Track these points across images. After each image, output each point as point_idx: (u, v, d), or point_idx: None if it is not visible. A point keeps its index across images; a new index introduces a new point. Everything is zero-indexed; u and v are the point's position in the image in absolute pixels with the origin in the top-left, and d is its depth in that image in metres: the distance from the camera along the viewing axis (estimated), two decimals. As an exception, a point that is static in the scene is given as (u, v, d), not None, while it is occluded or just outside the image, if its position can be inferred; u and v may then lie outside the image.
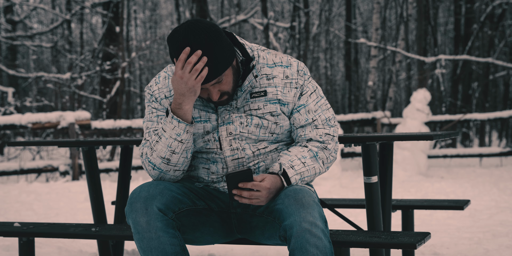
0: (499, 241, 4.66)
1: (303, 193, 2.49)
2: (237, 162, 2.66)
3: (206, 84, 2.50)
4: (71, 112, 10.51)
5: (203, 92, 2.57)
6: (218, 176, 2.70)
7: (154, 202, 2.46)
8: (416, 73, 16.39)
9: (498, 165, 12.10)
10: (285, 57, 2.72)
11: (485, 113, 12.55)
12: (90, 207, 7.04)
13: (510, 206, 6.66)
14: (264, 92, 2.64)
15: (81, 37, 22.42)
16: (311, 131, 2.68)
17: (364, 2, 28.11)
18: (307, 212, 2.41)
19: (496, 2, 17.19)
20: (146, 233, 2.43)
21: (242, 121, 2.63)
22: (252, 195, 2.48)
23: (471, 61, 17.64)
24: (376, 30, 15.05)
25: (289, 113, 2.68)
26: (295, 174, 2.59)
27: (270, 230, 2.59)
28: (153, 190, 2.50)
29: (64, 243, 4.83)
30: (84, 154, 3.77)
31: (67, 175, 10.39)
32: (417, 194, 7.68)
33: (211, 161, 2.69)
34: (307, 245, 2.35)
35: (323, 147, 2.68)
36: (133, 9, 28.38)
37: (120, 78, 14.64)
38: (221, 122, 2.64)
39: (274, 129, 2.67)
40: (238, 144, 2.65)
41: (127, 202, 2.51)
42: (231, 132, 2.64)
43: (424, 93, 10.90)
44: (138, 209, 2.45)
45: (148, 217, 2.43)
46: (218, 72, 2.47)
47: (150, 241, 2.43)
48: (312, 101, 2.70)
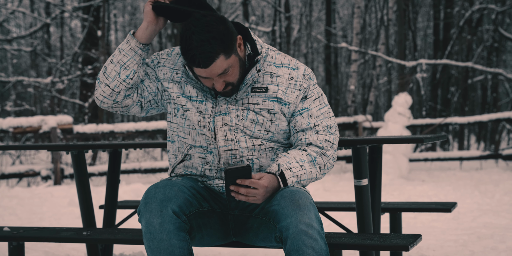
0: (484, 243, 4.71)
1: (299, 195, 2.50)
2: (230, 154, 2.67)
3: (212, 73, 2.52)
4: (53, 116, 10.46)
5: (208, 82, 2.59)
6: (212, 167, 2.71)
7: (170, 204, 2.48)
8: (397, 77, 16.51)
9: (478, 169, 12.21)
10: (294, 60, 2.75)
11: (465, 117, 12.66)
12: (74, 212, 7.01)
13: (492, 208, 6.73)
14: (265, 89, 2.67)
15: (61, 41, 22.29)
16: (312, 136, 2.69)
17: (343, 7, 28.24)
18: (303, 213, 2.42)
19: (475, 7, 17.37)
20: (157, 234, 2.46)
21: (238, 114, 2.66)
22: (249, 192, 2.50)
23: (450, 66, 17.80)
24: (356, 34, 15.15)
25: (289, 114, 2.70)
26: (292, 176, 2.60)
27: (264, 231, 2.61)
28: (168, 192, 2.52)
29: (51, 248, 4.80)
30: (74, 158, 3.76)
31: (49, 180, 10.32)
32: (400, 197, 7.73)
33: (207, 150, 2.71)
34: (303, 246, 2.36)
35: (322, 153, 2.70)
36: (113, 13, 28.27)
37: (102, 82, 14.55)
38: (217, 112, 2.66)
39: (269, 127, 2.68)
40: (233, 136, 2.66)
41: (142, 201, 2.53)
42: (226, 123, 2.66)
43: (406, 97, 10.98)
44: (153, 210, 2.47)
45: (162, 219, 2.46)
46: (213, 54, 2.48)
47: (161, 242, 2.45)
48: (315, 107, 2.72)
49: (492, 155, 12.16)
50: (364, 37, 22.44)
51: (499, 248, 4.49)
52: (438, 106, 18.50)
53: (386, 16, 17.65)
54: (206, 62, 2.48)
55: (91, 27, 16.53)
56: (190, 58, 2.49)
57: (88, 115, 14.86)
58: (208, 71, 2.52)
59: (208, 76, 2.54)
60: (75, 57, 17.48)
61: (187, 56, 2.50)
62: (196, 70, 2.54)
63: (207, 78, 2.57)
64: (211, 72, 2.52)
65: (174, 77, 2.74)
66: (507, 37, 16.99)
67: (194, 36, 2.47)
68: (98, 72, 13.88)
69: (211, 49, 2.46)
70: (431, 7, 22.06)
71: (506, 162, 12.58)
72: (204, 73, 2.53)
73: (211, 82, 2.58)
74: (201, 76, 2.57)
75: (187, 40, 2.48)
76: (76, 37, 25.39)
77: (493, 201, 7.27)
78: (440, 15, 20.28)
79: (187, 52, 2.49)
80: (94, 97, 2.82)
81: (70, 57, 17.31)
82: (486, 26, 20.02)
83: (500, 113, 12.20)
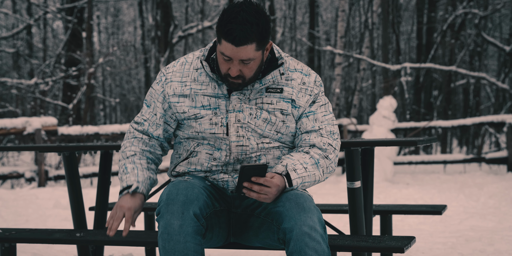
0: (472, 245, 4.74)
1: (304, 198, 2.54)
2: (241, 149, 2.70)
3: (237, 55, 2.54)
4: (37, 118, 10.39)
5: (225, 65, 2.61)
6: (218, 163, 2.73)
7: (191, 207, 2.49)
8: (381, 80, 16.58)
9: (461, 172, 12.29)
10: (306, 67, 2.81)
11: (449, 121, 12.75)
12: (61, 214, 6.97)
13: (478, 211, 6.77)
14: (281, 90, 2.71)
15: (44, 43, 22.17)
16: (316, 137, 2.73)
17: (327, 10, 28.35)
18: (307, 216, 2.45)
19: (459, 12, 17.50)
20: (175, 235, 2.45)
21: (252, 113, 2.69)
22: (262, 190, 2.52)
23: (432, 70, 17.92)
24: (341, 37, 15.20)
25: (297, 117, 2.74)
26: (297, 177, 2.62)
27: (265, 231, 2.62)
28: (190, 194, 2.53)
29: (39, 250, 4.77)
30: (66, 159, 3.74)
31: (33, 182, 10.26)
32: (386, 200, 7.77)
33: (215, 147, 2.72)
34: (306, 248, 2.38)
35: (324, 155, 2.72)
36: (96, 15, 28.17)
37: (87, 84, 14.52)
38: (231, 109, 2.69)
39: (280, 128, 2.72)
40: (244, 133, 2.69)
41: (162, 202, 2.53)
42: (239, 120, 2.68)
43: (390, 101, 11.04)
44: (175, 211, 2.48)
45: (183, 221, 2.46)
46: (251, 37, 2.50)
47: (177, 244, 2.45)
48: (320, 112, 2.77)
49: (476, 159, 12.24)
50: (348, 41, 22.53)
51: (488, 251, 4.53)
52: (422, 109, 18.60)
53: (371, 19, 17.72)
54: (240, 40, 2.50)
55: (75, 29, 16.45)
56: (227, 30, 2.50)
57: (73, 117, 14.79)
58: (235, 51, 2.53)
59: (231, 56, 2.55)
60: (58, 58, 17.39)
61: (225, 28, 2.50)
62: (224, 46, 2.55)
63: (228, 60, 2.58)
64: (237, 53, 2.54)
65: (184, 91, 2.75)
66: (490, 41, 17.14)
67: (242, 13, 2.49)
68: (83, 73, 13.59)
69: (251, 32, 2.49)
70: (414, 12, 22.20)
71: (489, 166, 12.68)
72: (231, 51, 2.54)
73: (228, 66, 2.59)
74: (224, 54, 2.56)
75: (233, 14, 2.50)
76: (58, 39, 25.26)
77: (479, 204, 7.32)
78: (423, 19, 20.41)
79: (227, 24, 2.50)
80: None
81: (54, 59, 17.22)
82: (469, 30, 20.18)
83: (484, 117, 12.29)
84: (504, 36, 24.11)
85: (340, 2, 14.71)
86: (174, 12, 24.70)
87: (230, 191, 2.73)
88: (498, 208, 6.99)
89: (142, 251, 4.73)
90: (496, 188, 8.76)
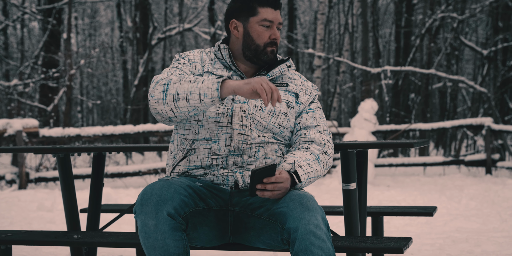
0: (460, 247, 4.80)
1: (307, 198, 2.58)
2: (242, 138, 2.74)
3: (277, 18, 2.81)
4: (18, 119, 10.31)
5: (265, 34, 2.81)
6: (218, 156, 2.75)
7: (165, 207, 2.49)
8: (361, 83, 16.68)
9: (441, 174, 12.40)
10: (302, 75, 3.02)
11: (428, 123, 12.85)
12: (45, 216, 6.92)
13: (461, 213, 6.84)
14: (286, 84, 2.88)
15: (22, 44, 21.98)
16: (315, 133, 2.84)
17: (304, 13, 28.44)
18: (312, 215, 2.48)
19: (438, 16, 17.66)
20: (152, 234, 2.49)
21: (257, 104, 2.78)
22: (276, 186, 2.57)
23: (410, 73, 18.05)
24: (320, 40, 15.25)
25: (298, 113, 2.87)
26: (304, 173, 2.69)
27: (268, 232, 2.63)
28: (164, 194, 2.52)
29: (28, 252, 4.75)
30: (60, 161, 3.73)
31: (13, 184, 10.17)
32: (370, 202, 7.81)
33: (213, 140, 2.75)
34: (311, 247, 2.40)
35: (323, 151, 2.81)
36: (73, 16, 28.00)
37: (68, 86, 14.42)
38: (237, 100, 2.78)
39: (282, 121, 2.81)
40: (248, 123, 2.76)
41: (137, 202, 2.55)
42: (244, 110, 2.76)
43: (372, 103, 11.11)
44: (148, 212, 2.49)
45: (157, 221, 2.48)
46: (280, 1, 2.85)
47: (156, 241, 2.49)
48: (318, 113, 2.93)
49: (455, 161, 12.36)
50: (328, 43, 22.63)
51: (475, 252, 4.59)
52: (402, 112, 18.73)
53: (351, 22, 17.82)
54: (277, 3, 2.80)
55: (56, 30, 16.34)
56: None
57: (54, 119, 14.69)
58: (275, 14, 2.81)
59: (273, 19, 2.79)
60: (38, 60, 17.26)
61: None
62: (264, 12, 2.80)
63: (269, 26, 2.80)
64: (276, 16, 2.81)
65: (204, 70, 2.87)
66: (468, 45, 17.31)
67: None
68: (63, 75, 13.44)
69: None
70: (391, 15, 22.36)
71: (468, 168, 12.81)
72: (272, 14, 2.80)
73: (269, 33, 2.80)
74: (267, 19, 2.79)
75: None
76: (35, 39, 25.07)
77: (461, 206, 7.40)
78: (401, 23, 20.56)
79: None
80: (151, 104, 2.73)
81: (33, 60, 17.09)
82: (446, 34, 20.37)
83: (463, 120, 12.41)
84: (480, 40, 24.37)
85: (320, 5, 14.78)
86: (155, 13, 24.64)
87: (230, 186, 2.75)
88: (480, 210, 7.07)
89: (132, 253, 4.72)
90: (476, 190, 8.85)
